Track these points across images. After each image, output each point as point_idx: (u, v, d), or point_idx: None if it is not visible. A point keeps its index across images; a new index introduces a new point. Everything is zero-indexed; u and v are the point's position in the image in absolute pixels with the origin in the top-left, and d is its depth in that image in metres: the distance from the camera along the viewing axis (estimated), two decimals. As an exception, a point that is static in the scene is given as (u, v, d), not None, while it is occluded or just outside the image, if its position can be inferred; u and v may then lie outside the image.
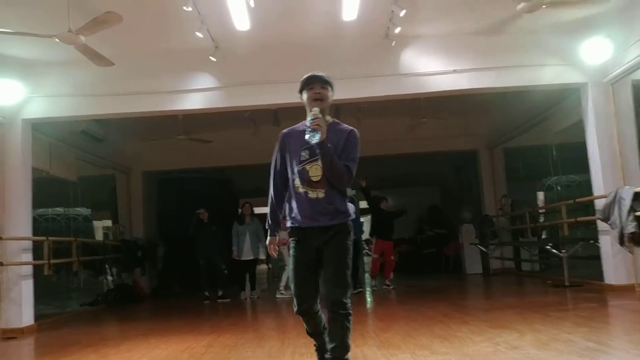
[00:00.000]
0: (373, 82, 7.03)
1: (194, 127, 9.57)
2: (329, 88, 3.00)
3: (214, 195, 11.77)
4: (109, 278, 10.75)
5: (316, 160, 2.90)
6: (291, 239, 3.03)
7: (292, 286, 3.01)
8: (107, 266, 10.81)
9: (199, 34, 5.94)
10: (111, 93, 6.95)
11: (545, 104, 8.75)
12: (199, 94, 7.10)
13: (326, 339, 2.96)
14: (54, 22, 5.15)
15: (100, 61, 5.69)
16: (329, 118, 3.02)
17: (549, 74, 7.13)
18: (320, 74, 3.00)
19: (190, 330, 5.92)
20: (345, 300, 2.84)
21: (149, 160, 11.46)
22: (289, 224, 3.05)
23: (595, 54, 6.79)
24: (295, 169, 2.97)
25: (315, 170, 2.92)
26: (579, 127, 7.53)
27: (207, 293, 9.14)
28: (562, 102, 8.44)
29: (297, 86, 3.02)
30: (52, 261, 7.49)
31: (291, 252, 3.03)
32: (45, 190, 10.14)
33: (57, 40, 5.13)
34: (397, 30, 6.32)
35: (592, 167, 7.21)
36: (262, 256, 9.48)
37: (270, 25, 6.36)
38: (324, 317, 3.03)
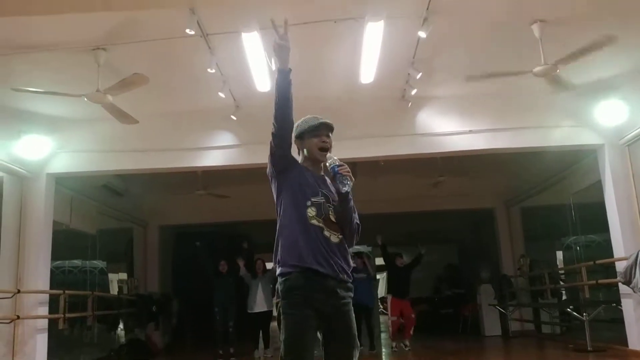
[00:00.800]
0: (390, 141, 7.15)
1: (212, 183, 9.71)
2: (331, 135, 2.67)
3: (230, 250, 11.77)
4: (122, 333, 10.66)
5: (331, 207, 2.49)
6: (291, 290, 2.33)
7: (291, 352, 2.30)
8: (120, 320, 10.77)
9: (221, 94, 6.13)
10: (134, 149, 7.14)
11: (563, 164, 8.76)
12: (219, 151, 7.26)
13: None
14: (83, 81, 5.37)
15: (125, 119, 5.88)
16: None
17: (565, 135, 7.18)
18: (327, 120, 2.68)
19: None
20: None
21: (167, 215, 11.58)
22: (286, 269, 2.37)
23: (611, 115, 6.84)
24: (312, 199, 2.47)
25: (331, 213, 2.49)
26: (598, 188, 7.50)
27: (220, 351, 9.00)
28: (579, 162, 8.44)
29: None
30: (68, 315, 7.49)
31: (287, 308, 2.32)
32: (63, 242, 10.23)
33: (85, 99, 5.33)
34: (414, 91, 6.47)
35: (612, 228, 7.13)
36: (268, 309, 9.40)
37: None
38: None
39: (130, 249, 11.97)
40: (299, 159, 2.67)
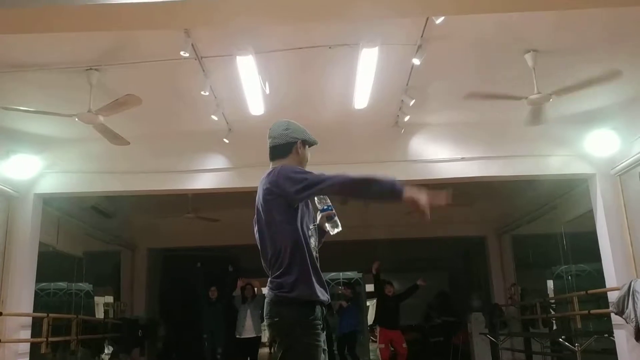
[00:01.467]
0: (382, 167, 7.12)
1: (202, 206, 9.63)
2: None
3: (218, 274, 11.63)
4: (106, 357, 10.42)
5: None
6: (315, 320, 2.31)
7: None
8: (105, 345, 10.54)
9: (214, 117, 6.10)
10: (124, 171, 7.07)
11: (554, 193, 8.78)
12: (210, 174, 7.20)
13: None
14: (75, 102, 5.33)
15: (116, 140, 5.82)
16: None
17: (556, 164, 7.21)
18: None
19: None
20: None
21: (155, 237, 11.45)
22: (305, 297, 2.32)
23: (602, 145, 6.88)
24: (311, 226, 2.52)
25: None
26: (589, 217, 7.50)
27: (206, 377, 8.84)
28: (571, 191, 8.46)
29: (311, 169, 2.67)
30: (51, 339, 7.32)
31: (315, 339, 2.29)
32: (49, 264, 10.07)
33: (77, 119, 5.28)
34: (407, 118, 6.48)
35: (604, 258, 7.10)
36: (265, 338, 9.27)
37: (284, 110, 6.52)
38: None
39: (117, 272, 11.79)
40: (291, 158, 2.69)
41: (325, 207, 2.53)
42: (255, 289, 9.35)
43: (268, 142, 2.74)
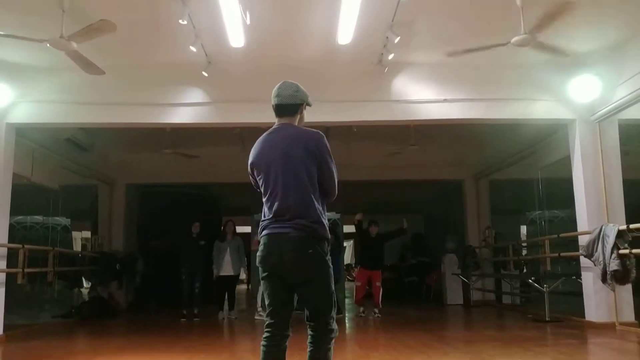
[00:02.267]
0: (364, 106, 7.05)
1: (181, 142, 9.49)
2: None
3: (197, 211, 11.64)
4: (84, 290, 10.50)
5: None
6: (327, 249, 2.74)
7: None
8: (83, 278, 10.59)
9: (193, 48, 5.91)
10: (100, 102, 6.88)
11: (534, 138, 8.83)
12: (188, 108, 7.06)
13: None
14: (46, 27, 5.10)
15: (90, 69, 5.63)
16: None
17: (538, 109, 7.21)
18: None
19: (165, 348, 5.77)
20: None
21: (134, 172, 11.33)
22: (327, 235, 2.72)
23: (584, 91, 6.89)
24: None
25: None
26: (566, 163, 7.59)
27: (184, 311, 8.95)
28: (549, 137, 8.52)
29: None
30: (27, 270, 7.30)
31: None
32: (24, 196, 9.94)
33: (48, 45, 5.07)
34: (391, 56, 6.36)
35: (578, 202, 7.25)
36: (243, 275, 9.37)
37: (265, 44, 6.36)
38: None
39: (95, 206, 11.70)
40: (296, 118, 2.94)
41: None
42: (236, 226, 9.36)
43: (276, 100, 2.94)
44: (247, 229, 17.17)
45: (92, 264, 10.21)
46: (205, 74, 6.62)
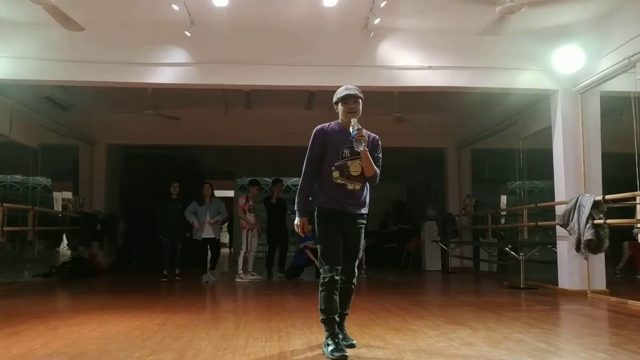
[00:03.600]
0: (348, 71, 7.00)
1: (163, 103, 9.37)
2: (360, 101, 3.64)
3: (179, 173, 11.58)
4: (65, 250, 10.48)
5: (356, 158, 3.53)
6: (320, 217, 3.59)
7: (326, 256, 3.55)
8: (64, 238, 10.55)
9: (175, 7, 5.79)
10: (80, 60, 6.74)
11: (516, 108, 8.87)
12: (170, 69, 6.95)
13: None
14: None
15: (69, 25, 5.50)
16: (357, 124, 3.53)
17: (521, 79, 7.23)
18: (353, 91, 3.63)
19: (145, 308, 5.81)
20: (356, 273, 3.71)
21: (115, 133, 11.19)
22: (318, 203, 3.58)
23: (568, 62, 6.90)
24: (336, 163, 3.55)
25: (355, 167, 3.56)
26: (547, 134, 7.66)
27: (165, 272, 9.00)
28: (532, 107, 8.57)
29: (273, 69, 3.38)
30: (6, 228, 7.27)
31: (321, 228, 3.58)
32: (3, 155, 9.81)
33: (25, -2, 4.93)
34: (377, 21, 6.30)
35: (556, 173, 7.35)
36: (223, 238, 9.40)
37: (249, 3, 6.25)
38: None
39: (75, 167, 11.59)
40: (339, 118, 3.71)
41: (352, 134, 3.49)
42: (214, 190, 9.33)
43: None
44: (230, 194, 17.25)
45: (73, 224, 10.17)
46: (188, 34, 6.51)
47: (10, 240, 9.26)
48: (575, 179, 7.07)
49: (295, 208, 3.63)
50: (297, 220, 3.62)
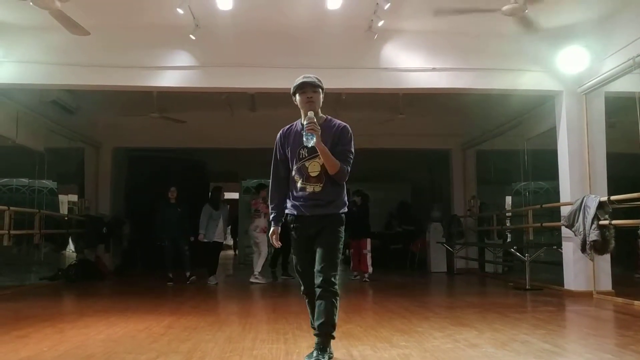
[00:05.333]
0: (352, 73, 7.02)
1: (168, 106, 9.42)
2: (320, 91, 3.27)
3: (184, 176, 11.62)
4: (71, 253, 10.52)
5: (315, 156, 3.21)
6: (291, 225, 3.36)
7: (295, 267, 3.41)
8: (70, 241, 10.60)
9: (180, 10, 5.82)
10: (85, 64, 6.79)
11: (521, 109, 8.86)
12: (175, 72, 6.99)
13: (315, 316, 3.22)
14: (29, -15, 4.98)
15: (75, 29, 5.54)
16: (322, 116, 3.31)
17: (525, 80, 7.23)
18: (310, 79, 3.25)
19: (151, 310, 5.84)
20: (334, 280, 3.16)
21: (121, 136, 11.24)
22: (287, 211, 3.36)
23: (572, 63, 6.90)
24: (296, 166, 3.29)
25: (314, 167, 3.24)
26: (552, 135, 7.66)
27: (170, 274, 9.03)
28: (536, 108, 8.56)
29: (277, 72, 3.32)
30: (13, 232, 7.30)
31: (292, 236, 3.37)
32: (9, 158, 9.86)
33: (31, 3, 4.96)
34: (380, 23, 6.32)
35: (561, 173, 7.34)
36: (229, 242, 9.43)
37: (254, 7, 6.28)
38: None
39: (81, 170, 11.63)
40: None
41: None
42: (224, 193, 9.38)
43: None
44: (235, 196, 17.27)
45: (78, 227, 10.21)
46: (193, 37, 6.55)
47: (17, 243, 9.30)
48: (580, 179, 7.06)
49: (271, 218, 3.43)
50: (270, 231, 3.40)
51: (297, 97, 3.27)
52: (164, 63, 6.94)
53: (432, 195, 13.89)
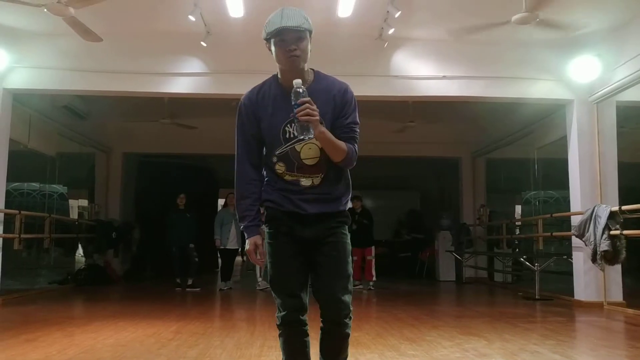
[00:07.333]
0: (363, 81, 7.00)
1: (179, 112, 9.47)
2: (308, 35, 2.12)
3: (194, 182, 11.67)
4: (81, 257, 10.58)
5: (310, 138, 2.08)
6: (268, 229, 2.26)
7: (273, 283, 2.23)
8: (79, 245, 10.66)
9: (192, 17, 5.86)
10: (97, 70, 6.84)
11: (531, 118, 8.83)
12: (186, 78, 7.03)
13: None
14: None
15: (88, 36, 5.59)
16: (309, 70, 2.21)
17: (536, 89, 7.21)
18: (294, 20, 2.07)
19: (160, 315, 5.85)
20: (350, 305, 2.16)
21: (131, 142, 11.31)
22: (267, 204, 2.26)
23: (584, 72, 6.88)
24: (277, 152, 2.17)
25: (310, 151, 2.16)
26: (562, 144, 7.62)
27: (179, 280, 9.05)
28: (547, 117, 8.52)
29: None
30: (23, 236, 7.35)
31: (266, 240, 2.25)
32: (21, 163, 9.94)
33: (45, 10, 5.02)
34: (391, 31, 6.32)
35: (572, 183, 7.29)
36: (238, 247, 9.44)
37: (265, 14, 6.23)
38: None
39: (91, 175, 11.72)
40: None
41: (293, 105, 2.05)
42: None
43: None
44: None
45: (88, 232, 10.27)
46: (204, 44, 6.58)
47: (27, 247, 9.36)
48: (590, 189, 7.00)
49: (241, 228, 2.25)
50: (246, 245, 2.22)
51: (273, 47, 2.14)
52: (175, 69, 6.99)
53: (441, 204, 13.85)
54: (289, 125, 2.15)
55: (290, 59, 2.10)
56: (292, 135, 2.15)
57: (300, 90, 2.03)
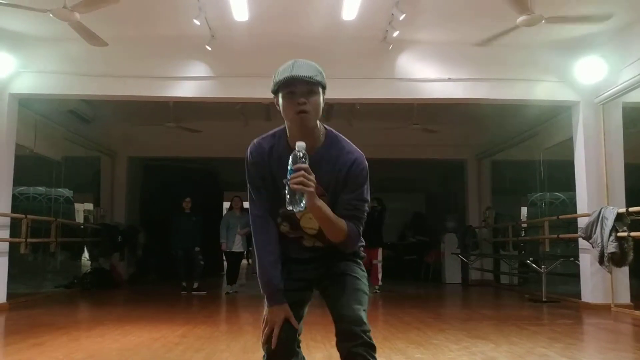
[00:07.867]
0: (367, 84, 7.03)
1: (184, 115, 9.49)
2: (320, 90, 1.83)
3: (199, 185, 11.68)
4: (87, 261, 10.60)
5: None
6: None
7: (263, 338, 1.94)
8: (85, 249, 10.69)
9: (197, 22, 5.87)
10: (103, 74, 6.86)
11: (537, 119, 8.81)
12: (191, 82, 7.04)
13: None
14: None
15: (93, 40, 5.61)
16: (320, 129, 1.92)
17: (542, 90, 7.18)
18: (304, 71, 1.81)
19: (166, 319, 5.85)
20: (368, 325, 1.83)
21: (136, 146, 11.34)
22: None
23: (589, 73, 6.84)
24: (282, 210, 1.90)
25: (310, 221, 1.93)
26: (568, 145, 7.59)
27: (184, 284, 9.05)
28: (553, 118, 8.50)
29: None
30: (30, 240, 7.37)
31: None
32: (27, 167, 9.98)
33: (51, 15, 5.04)
34: (396, 33, 6.32)
35: (578, 185, 7.26)
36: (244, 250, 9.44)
37: (269, 18, 6.32)
38: None
39: (97, 178, 11.75)
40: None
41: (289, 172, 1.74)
42: (243, 202, 9.39)
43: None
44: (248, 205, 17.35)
45: (94, 235, 10.30)
46: (209, 48, 6.60)
47: (33, 251, 9.38)
48: (597, 190, 6.97)
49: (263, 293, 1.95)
50: (265, 312, 1.93)
51: (281, 99, 1.87)
52: (180, 73, 7.00)
53: (446, 206, 13.81)
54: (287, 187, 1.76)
55: (298, 115, 1.81)
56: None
57: (300, 154, 1.72)
